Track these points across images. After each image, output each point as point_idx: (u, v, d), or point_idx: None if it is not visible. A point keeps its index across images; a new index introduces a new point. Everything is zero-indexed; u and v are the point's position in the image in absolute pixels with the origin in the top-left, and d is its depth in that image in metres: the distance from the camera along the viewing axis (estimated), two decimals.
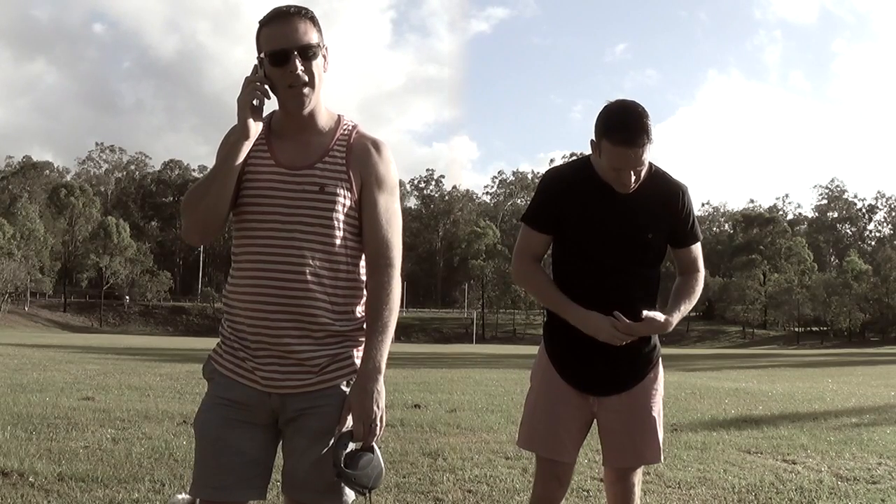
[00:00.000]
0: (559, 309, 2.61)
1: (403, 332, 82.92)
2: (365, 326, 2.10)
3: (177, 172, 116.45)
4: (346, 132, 2.13)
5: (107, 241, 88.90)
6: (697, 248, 2.76)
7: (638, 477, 2.74)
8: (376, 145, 2.13)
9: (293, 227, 2.05)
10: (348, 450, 1.99)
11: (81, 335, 56.73)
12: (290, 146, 2.11)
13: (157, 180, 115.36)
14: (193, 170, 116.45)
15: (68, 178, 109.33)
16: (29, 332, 61.49)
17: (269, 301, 2.05)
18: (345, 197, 2.07)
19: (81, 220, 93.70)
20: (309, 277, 2.04)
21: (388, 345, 2.06)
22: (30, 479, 4.54)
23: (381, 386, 2.03)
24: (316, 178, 2.07)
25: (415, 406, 9.03)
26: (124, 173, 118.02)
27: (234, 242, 2.14)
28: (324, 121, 2.13)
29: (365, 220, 2.11)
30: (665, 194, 2.63)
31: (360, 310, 2.14)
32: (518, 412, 8.42)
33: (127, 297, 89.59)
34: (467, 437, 6.76)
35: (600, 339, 2.52)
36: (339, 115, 2.18)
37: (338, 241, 2.08)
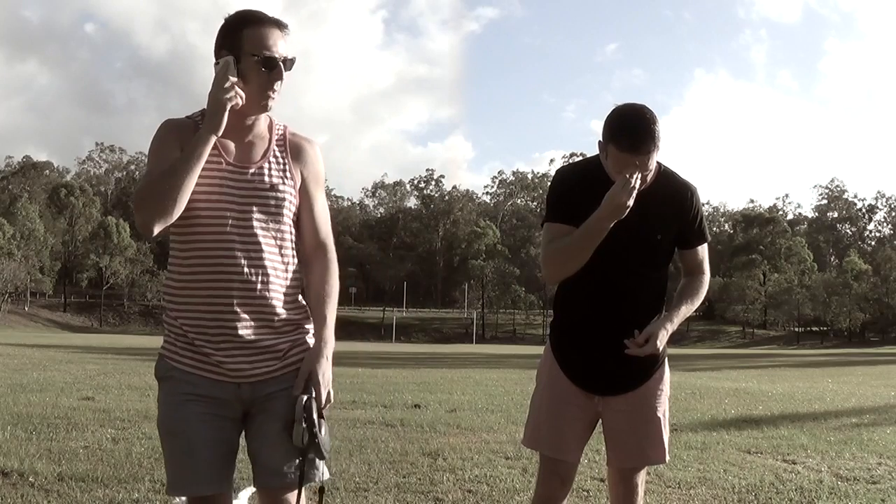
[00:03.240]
0: (583, 237, 2.49)
1: (403, 332, 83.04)
2: (313, 307, 2.25)
3: None
4: (280, 132, 2.26)
5: (107, 241, 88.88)
6: (704, 250, 2.73)
7: (641, 478, 2.73)
8: (311, 144, 2.28)
9: (247, 222, 2.13)
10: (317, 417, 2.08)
11: (81, 335, 56.73)
12: (236, 146, 2.19)
13: None
14: None
15: (68, 178, 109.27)
16: (29, 332, 61.49)
17: (231, 295, 2.11)
18: (291, 193, 2.20)
19: (81, 220, 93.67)
20: (268, 270, 2.15)
21: (334, 320, 2.25)
22: (30, 479, 4.54)
23: (331, 357, 2.20)
24: (265, 176, 2.17)
25: (415, 406, 9.03)
26: (124, 173, 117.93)
27: (178, 239, 2.16)
28: (263, 122, 2.24)
29: (306, 214, 2.25)
30: (674, 195, 2.62)
31: (300, 298, 2.27)
32: (518, 412, 8.46)
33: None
34: (467, 437, 6.76)
35: (618, 204, 2.39)
36: (269, 117, 2.26)
37: (286, 235, 2.20)
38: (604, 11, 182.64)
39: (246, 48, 2.10)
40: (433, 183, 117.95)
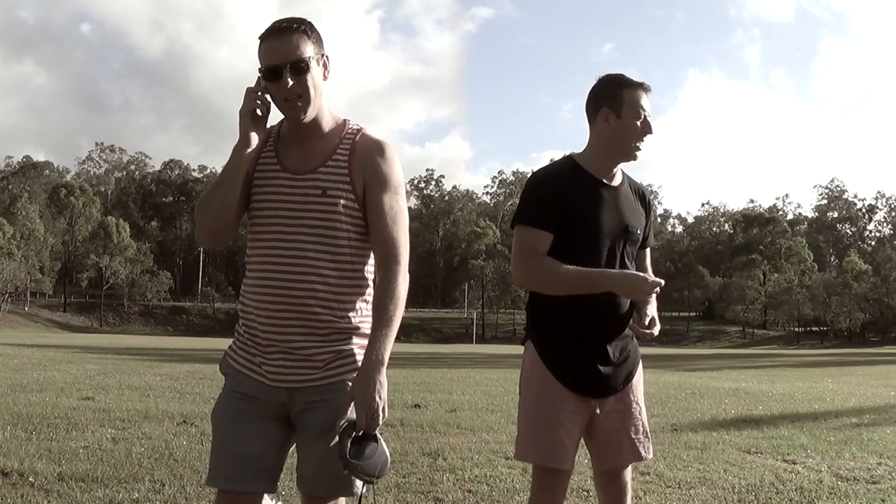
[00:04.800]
0: (591, 281, 2.47)
1: (403, 332, 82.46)
2: (372, 324, 2.15)
3: (177, 172, 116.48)
4: (350, 136, 2.20)
5: (107, 241, 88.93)
6: (649, 253, 2.85)
7: (630, 473, 2.73)
8: (379, 147, 2.18)
9: (297, 229, 2.13)
10: (352, 440, 2.02)
11: (81, 335, 56.74)
12: (296, 152, 2.19)
13: (156, 180, 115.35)
14: (193, 170, 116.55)
15: (68, 178, 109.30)
16: (29, 332, 61.50)
17: (275, 300, 2.13)
18: (347, 199, 2.14)
19: (81, 220, 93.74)
20: (313, 277, 2.12)
21: (392, 339, 2.11)
22: (30, 479, 4.54)
23: (383, 378, 2.07)
24: (319, 182, 2.14)
25: (415, 406, 9.03)
26: (124, 173, 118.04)
27: (248, 245, 2.23)
28: (328, 126, 2.20)
29: (371, 219, 2.17)
30: (639, 192, 2.74)
31: (368, 306, 2.19)
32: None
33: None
34: (467, 437, 6.76)
35: (640, 295, 2.51)
36: (344, 120, 2.24)
37: (341, 241, 2.14)
38: (599, 11, 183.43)
39: (259, 64, 2.13)
40: (433, 183, 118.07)
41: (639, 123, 2.55)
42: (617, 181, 2.65)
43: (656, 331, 2.56)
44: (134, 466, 5.02)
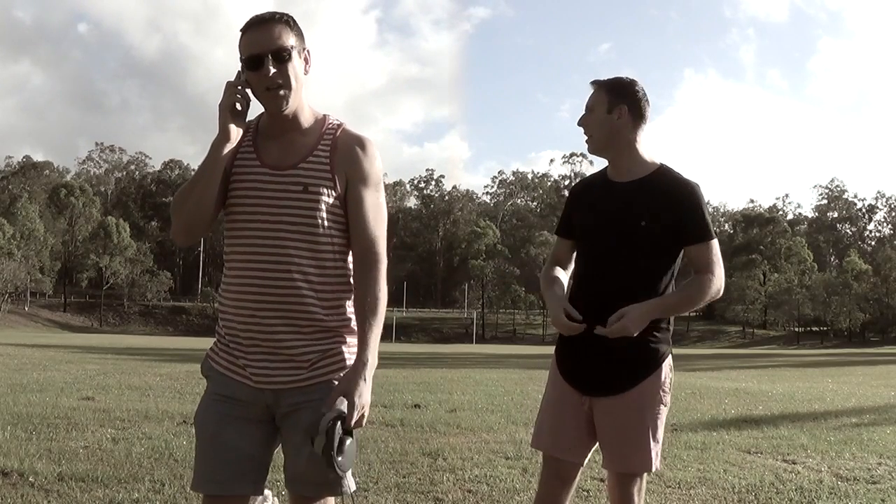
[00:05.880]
0: (544, 295, 2.78)
1: (403, 332, 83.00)
2: (355, 320, 2.14)
3: (177, 172, 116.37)
4: (330, 131, 2.17)
5: (107, 241, 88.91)
6: (710, 249, 2.61)
7: (637, 486, 2.66)
8: (360, 143, 2.16)
9: (279, 226, 2.09)
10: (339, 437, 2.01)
11: (81, 335, 56.72)
12: (276, 147, 2.16)
13: (156, 180, 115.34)
14: (193, 170, 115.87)
15: (68, 178, 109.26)
16: (29, 332, 61.48)
17: (257, 299, 2.09)
18: (328, 195, 2.11)
19: (81, 220, 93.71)
20: (296, 275, 2.09)
21: (379, 337, 2.10)
22: (30, 479, 4.54)
23: (370, 377, 2.06)
24: (300, 178, 2.11)
25: (415, 406, 9.03)
26: (124, 173, 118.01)
27: (225, 242, 2.19)
28: (308, 121, 2.17)
29: (352, 217, 2.14)
30: (669, 188, 2.60)
31: (348, 304, 2.17)
32: (518, 412, 8.47)
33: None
34: (467, 437, 6.76)
35: (556, 327, 2.66)
36: (324, 115, 2.21)
37: (323, 239, 2.11)
38: (595, 12, 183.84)
39: (240, 55, 2.11)
40: (433, 183, 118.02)
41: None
42: (626, 178, 2.64)
43: (617, 329, 2.45)
44: (134, 466, 5.02)
